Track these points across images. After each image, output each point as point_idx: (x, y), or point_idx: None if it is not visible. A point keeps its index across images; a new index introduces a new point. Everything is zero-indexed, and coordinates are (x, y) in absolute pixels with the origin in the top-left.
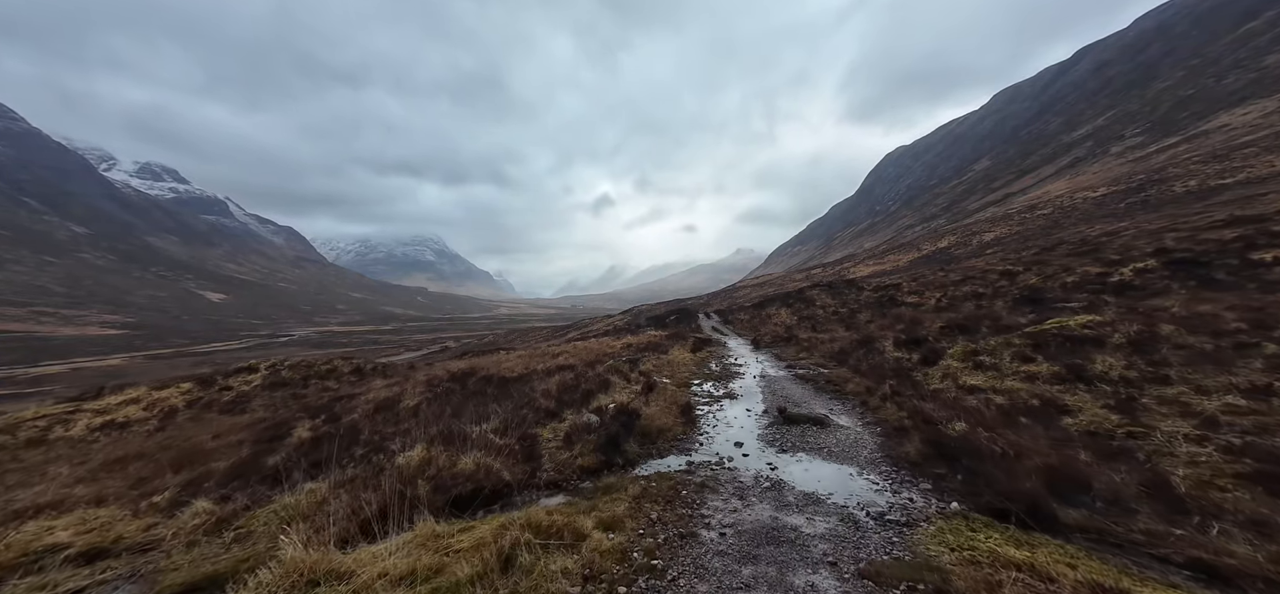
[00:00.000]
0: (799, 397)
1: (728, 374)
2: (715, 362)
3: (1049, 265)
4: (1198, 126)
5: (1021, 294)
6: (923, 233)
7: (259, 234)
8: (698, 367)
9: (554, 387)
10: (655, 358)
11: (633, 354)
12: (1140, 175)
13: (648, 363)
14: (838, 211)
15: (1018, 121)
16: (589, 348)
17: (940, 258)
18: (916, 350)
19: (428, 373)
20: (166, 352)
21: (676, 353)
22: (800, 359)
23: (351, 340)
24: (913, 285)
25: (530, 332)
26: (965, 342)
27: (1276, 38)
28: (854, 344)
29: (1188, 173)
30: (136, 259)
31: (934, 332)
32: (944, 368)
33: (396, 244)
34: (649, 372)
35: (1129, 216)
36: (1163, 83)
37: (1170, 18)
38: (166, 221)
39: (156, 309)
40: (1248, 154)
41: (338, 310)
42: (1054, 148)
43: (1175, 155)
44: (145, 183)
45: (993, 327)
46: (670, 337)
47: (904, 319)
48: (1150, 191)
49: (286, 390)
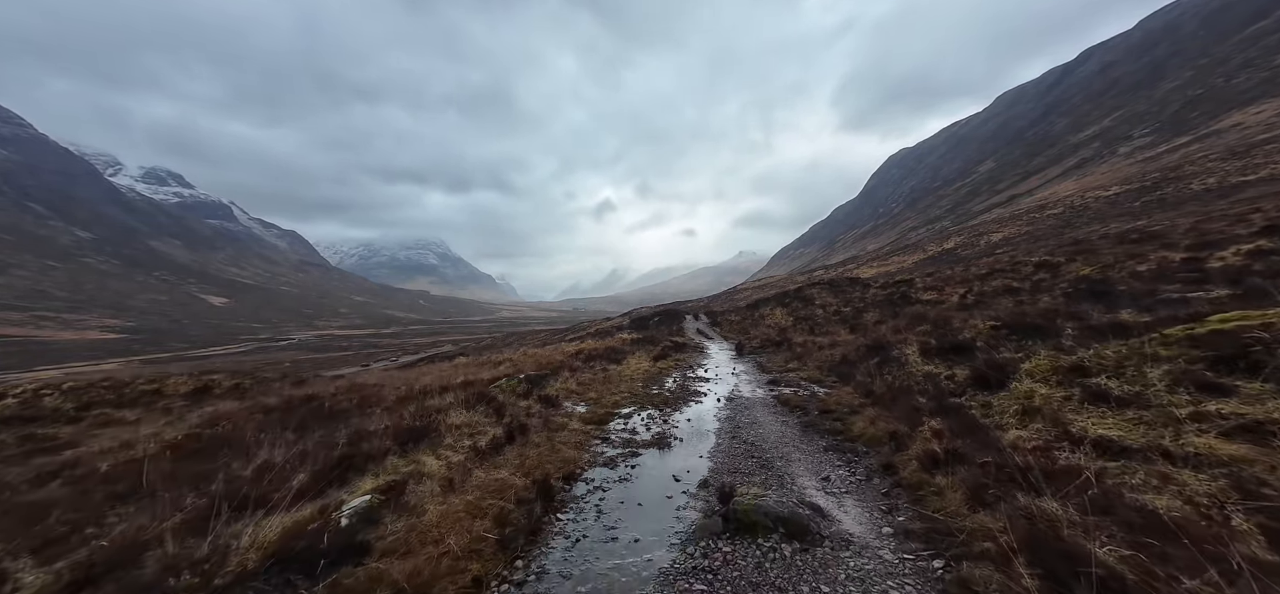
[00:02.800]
0: (772, 446)
1: (681, 396)
2: (676, 375)
3: (1099, 254)
4: (1209, 126)
5: (1077, 287)
6: (927, 234)
7: (262, 238)
8: (646, 383)
9: (350, 435)
10: (596, 370)
11: (582, 361)
12: (1154, 174)
13: (569, 380)
14: (841, 214)
15: (1022, 123)
16: (538, 355)
17: (947, 259)
18: (960, 362)
19: (282, 394)
20: (164, 356)
21: (633, 362)
22: (790, 370)
23: (351, 344)
24: (928, 281)
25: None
26: (1047, 351)
27: None
28: (861, 351)
29: (1205, 171)
30: (139, 263)
31: (983, 335)
32: (1021, 395)
33: (400, 248)
34: (557, 395)
35: (1146, 215)
36: (1171, 83)
37: (1177, 18)
38: (170, 226)
39: (157, 313)
40: (1269, 151)
41: (339, 314)
42: (1060, 149)
43: (1188, 154)
44: (150, 187)
45: (1081, 327)
46: (640, 341)
47: (927, 319)
48: (1166, 190)
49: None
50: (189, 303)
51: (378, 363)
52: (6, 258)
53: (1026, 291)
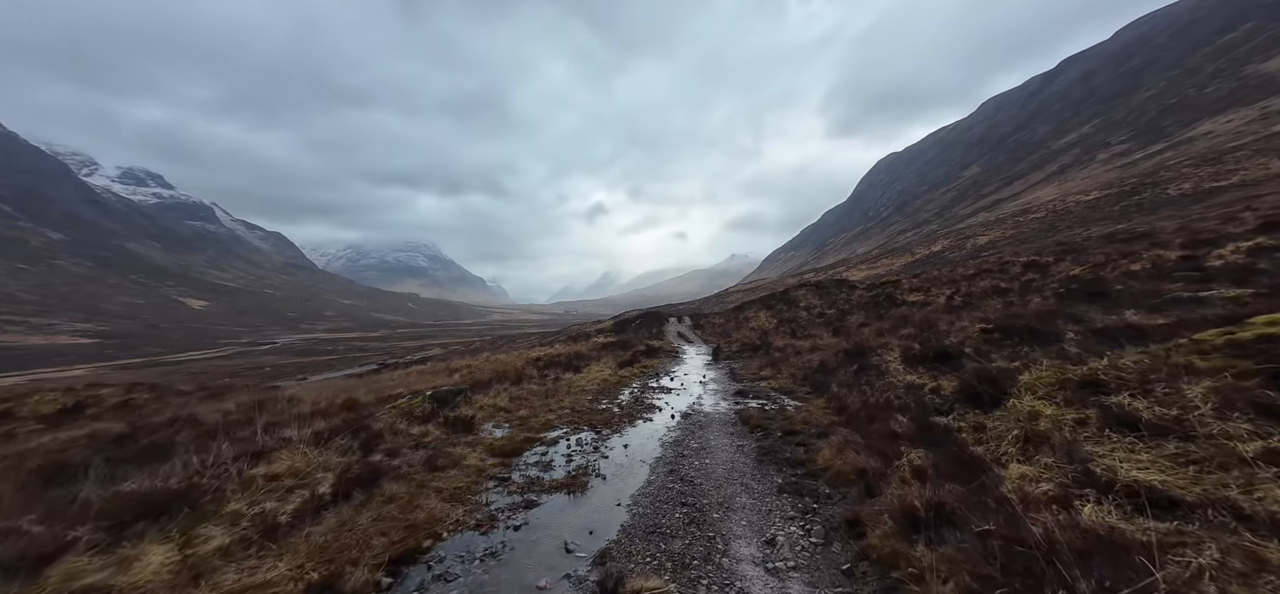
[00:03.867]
0: (715, 487)
1: (631, 412)
2: (637, 384)
3: (1088, 254)
4: (1183, 133)
5: (1069, 287)
6: (915, 237)
7: (246, 240)
8: (598, 396)
9: None
10: (547, 380)
11: (539, 369)
12: (1132, 179)
13: (500, 395)
14: (831, 217)
15: (1006, 129)
16: (499, 363)
17: (935, 261)
18: (947, 371)
19: (150, 417)
20: (137, 361)
21: (594, 369)
22: (762, 378)
23: (336, 348)
24: (914, 282)
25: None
26: (1049, 360)
27: (1254, 49)
28: (841, 357)
29: (1181, 176)
30: (114, 266)
31: (973, 339)
32: (1022, 416)
33: (389, 250)
34: (475, 416)
35: (1126, 218)
36: (1146, 91)
37: (1151, 29)
38: (148, 227)
39: (132, 317)
40: (1239, 157)
41: (325, 317)
42: (1042, 155)
43: (1163, 161)
44: (128, 188)
45: (1084, 331)
46: (613, 345)
47: (911, 321)
48: (1144, 195)
49: None
50: (167, 306)
51: (334, 373)
52: None
53: (1016, 292)
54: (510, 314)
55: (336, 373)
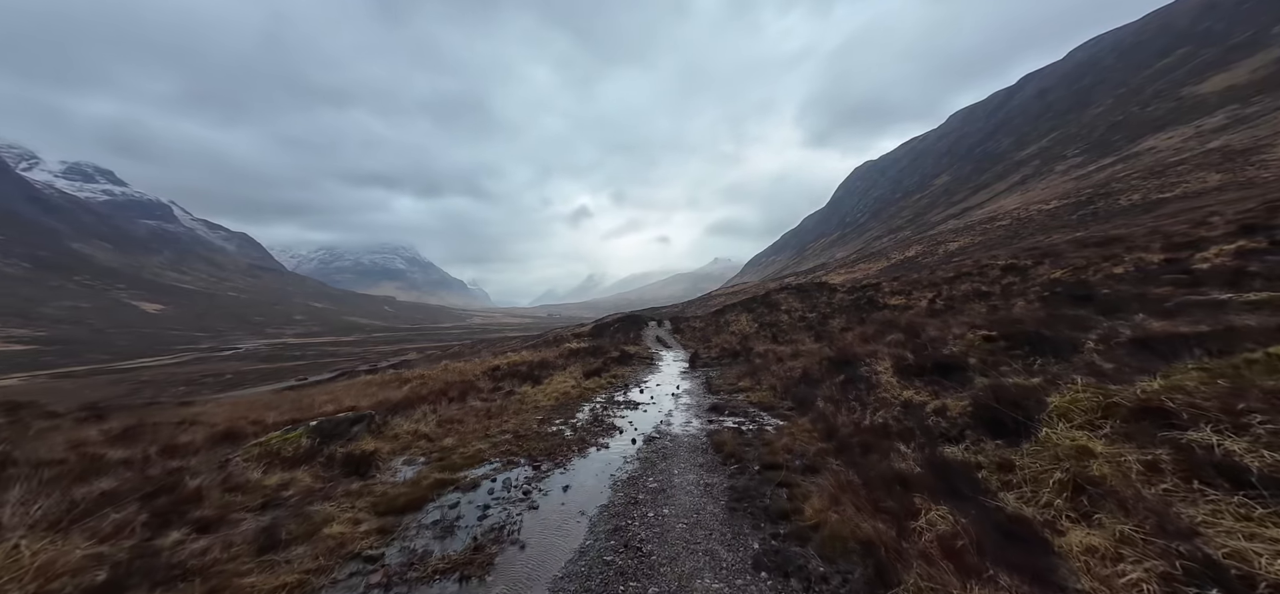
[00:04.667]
0: (668, 562)
1: (585, 437)
2: (599, 399)
3: (1065, 258)
4: (1130, 149)
5: (1053, 291)
6: (890, 243)
7: (207, 240)
8: (551, 415)
9: None
10: (497, 395)
11: (492, 380)
12: (1087, 190)
13: (428, 417)
14: (811, 222)
15: (973, 141)
16: (458, 371)
17: (910, 266)
18: (949, 386)
19: None
20: (80, 369)
21: (556, 380)
22: (741, 389)
23: (306, 353)
24: (895, 285)
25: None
26: (1076, 375)
27: (1189, 72)
28: (825, 366)
29: (1130, 188)
30: (56, 267)
31: (975, 349)
32: (1063, 453)
33: (364, 252)
34: (382, 450)
35: (1083, 226)
36: (1097, 109)
37: (1100, 51)
38: (97, 226)
39: (76, 322)
40: (1181, 171)
41: (295, 321)
42: (1006, 165)
43: (1114, 173)
44: (73, 184)
45: (1108, 340)
46: (584, 352)
47: (897, 325)
48: (1098, 204)
49: None
50: (116, 310)
51: (279, 384)
52: None
53: (998, 296)
54: (491, 318)
55: (278, 384)
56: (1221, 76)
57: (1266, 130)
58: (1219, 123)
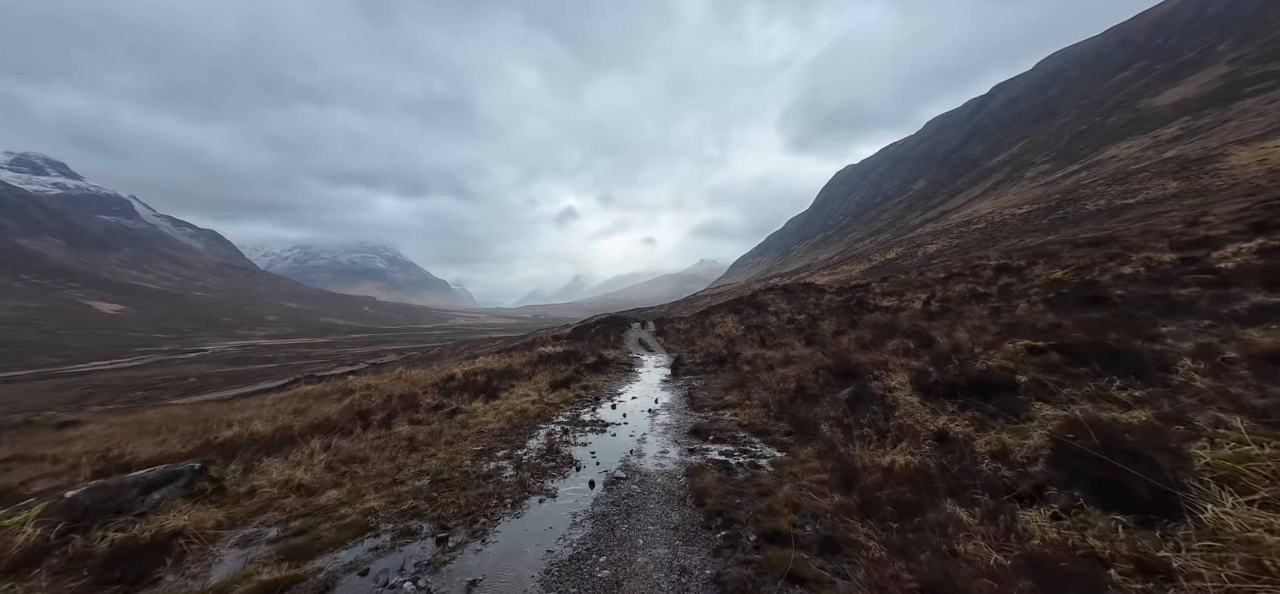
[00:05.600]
0: None
1: (538, 474)
2: (562, 418)
3: (1060, 259)
4: (1094, 157)
5: (1059, 292)
6: (872, 245)
7: (172, 237)
8: (495, 444)
9: None
10: (438, 416)
11: (439, 394)
12: (1056, 195)
13: (314, 462)
14: (795, 225)
15: (949, 147)
16: (409, 381)
17: (891, 267)
18: (995, 413)
19: None
20: (25, 373)
21: (517, 393)
22: (728, 403)
23: (277, 355)
24: (885, 286)
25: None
26: (1247, 423)
27: (1146, 85)
28: (824, 378)
29: (1097, 194)
30: (0, 264)
31: (1019, 362)
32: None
33: (342, 251)
34: (207, 524)
35: (1054, 230)
36: (1062, 118)
37: (1065, 63)
38: (48, 222)
39: (23, 322)
40: (1143, 178)
41: (266, 322)
42: (979, 171)
43: (1079, 180)
44: (20, 177)
45: (1208, 358)
46: (557, 357)
47: (899, 329)
48: (1067, 209)
49: None
50: (68, 310)
51: (201, 396)
52: None
53: (996, 297)
54: (475, 318)
55: (206, 396)
56: (1175, 90)
57: (1216, 141)
58: (1174, 133)
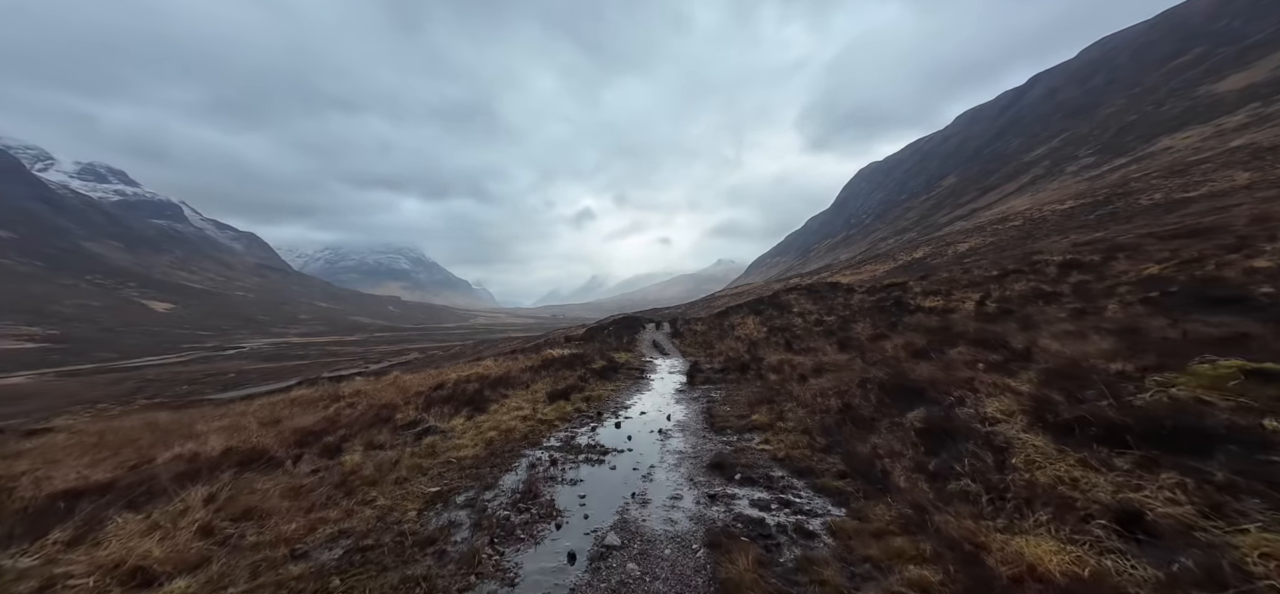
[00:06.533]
0: None
1: (498, 539)
2: (553, 440)
3: (1143, 252)
4: (1144, 149)
5: (1166, 291)
6: (896, 244)
7: (216, 240)
8: (460, 480)
9: None
10: (405, 437)
11: (421, 405)
12: (1103, 190)
13: (184, 515)
14: (814, 224)
15: (980, 142)
16: (401, 387)
17: (918, 268)
18: (1220, 486)
19: None
20: (87, 367)
21: (508, 406)
22: (756, 427)
23: (308, 353)
24: (927, 285)
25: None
26: None
27: (1205, 71)
28: (873, 394)
29: (1150, 188)
30: (67, 266)
31: (1223, 388)
32: None
33: (369, 252)
34: None
35: (1103, 227)
36: (1108, 108)
37: (1111, 50)
38: (108, 226)
39: (86, 320)
40: (1205, 170)
41: (299, 320)
42: (1014, 166)
43: (1128, 174)
44: (86, 185)
45: None
46: (564, 361)
47: (957, 335)
48: (1117, 205)
49: None
50: (125, 308)
51: (280, 383)
52: None
53: (1069, 296)
54: (495, 318)
55: (232, 393)
56: (1240, 75)
57: None
58: (1240, 121)
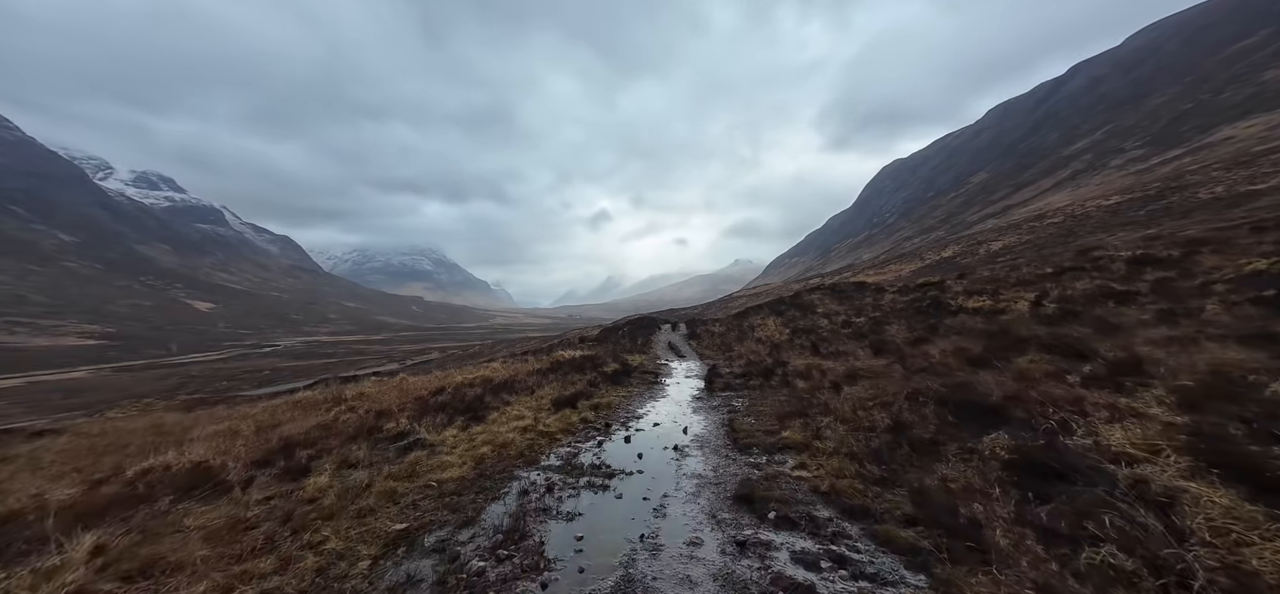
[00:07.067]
0: None
1: None
2: (554, 457)
3: (1234, 245)
4: (1201, 139)
5: None
6: (923, 244)
7: (253, 242)
8: (434, 513)
9: None
10: (384, 451)
11: (415, 413)
12: (1154, 184)
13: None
14: (835, 223)
15: (1014, 137)
16: (409, 389)
17: (946, 267)
18: None
19: None
20: (138, 363)
21: (509, 414)
22: (787, 445)
23: (336, 351)
24: (968, 285)
25: (517, 341)
26: None
27: (1273, 54)
28: (930, 408)
29: (1210, 180)
30: (123, 268)
31: None
32: None
33: (394, 253)
34: None
35: (1155, 223)
36: (1159, 97)
37: (1162, 36)
38: (159, 230)
39: (138, 319)
40: (1275, 160)
41: (329, 319)
42: (1052, 161)
43: (1182, 166)
44: (140, 191)
45: None
46: (568, 365)
47: (1020, 339)
48: (1172, 199)
49: None
50: (173, 308)
51: (310, 380)
52: None
53: (1149, 296)
54: (513, 318)
55: (261, 390)
56: None
57: None
58: None
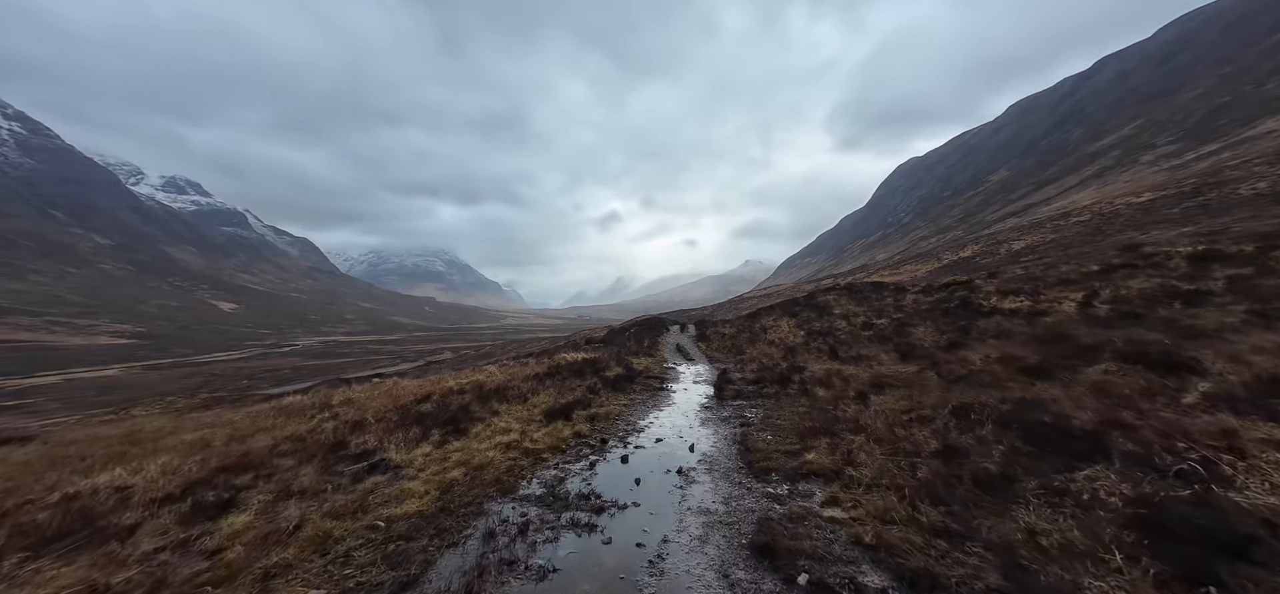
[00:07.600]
0: None
1: None
2: (536, 483)
3: None
4: (1241, 133)
5: None
6: (939, 243)
7: (274, 245)
8: (355, 585)
9: None
10: (328, 485)
11: (389, 430)
12: (1190, 180)
13: None
14: (848, 223)
15: (1035, 133)
16: (390, 398)
17: (965, 266)
18: None
19: None
20: (166, 362)
21: (492, 428)
22: (812, 469)
23: (352, 350)
24: (1000, 284)
25: (528, 341)
26: None
27: None
28: (992, 430)
29: (1252, 175)
30: (153, 269)
31: None
32: None
33: (408, 255)
34: None
35: (1191, 221)
36: (1192, 90)
37: (1196, 27)
38: (186, 233)
39: (167, 319)
40: None
41: (345, 320)
42: (1077, 158)
43: (1221, 161)
44: (169, 196)
45: None
46: (567, 369)
47: (1093, 348)
48: (1209, 195)
49: None
50: (199, 308)
51: (315, 381)
52: (26, 264)
53: (1223, 294)
54: (524, 318)
55: (267, 389)
56: None
57: None
58: None
